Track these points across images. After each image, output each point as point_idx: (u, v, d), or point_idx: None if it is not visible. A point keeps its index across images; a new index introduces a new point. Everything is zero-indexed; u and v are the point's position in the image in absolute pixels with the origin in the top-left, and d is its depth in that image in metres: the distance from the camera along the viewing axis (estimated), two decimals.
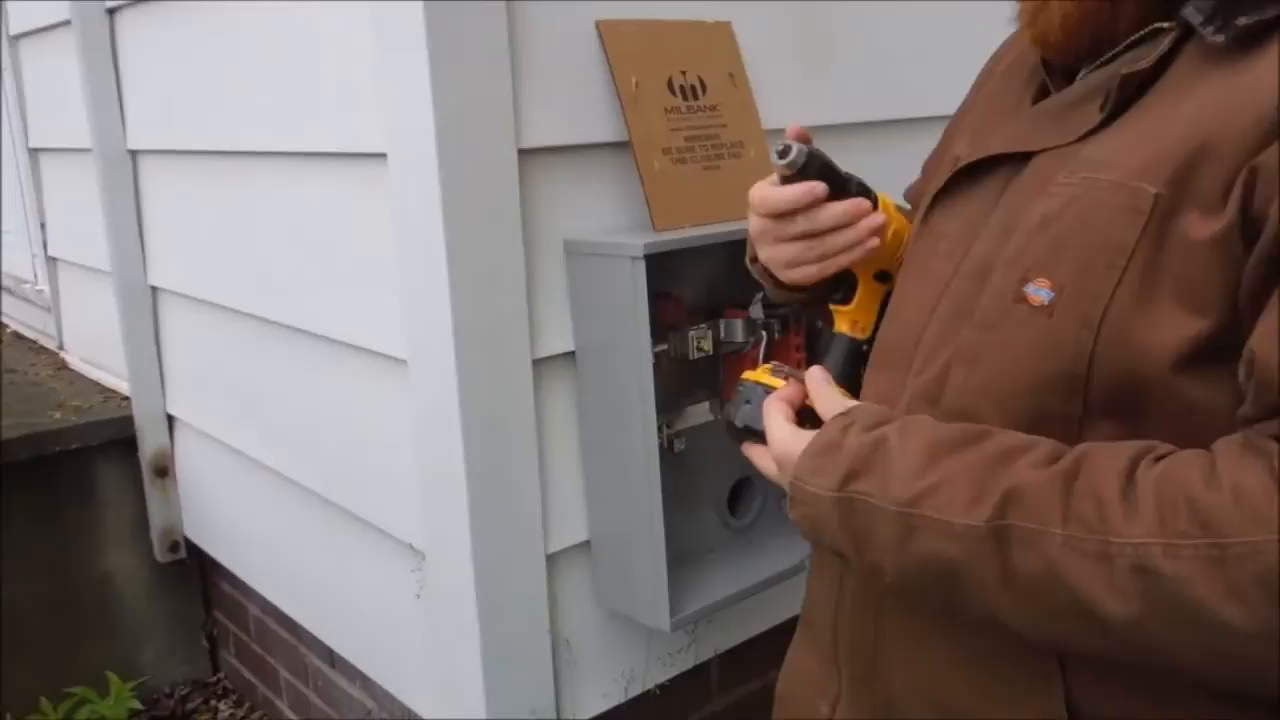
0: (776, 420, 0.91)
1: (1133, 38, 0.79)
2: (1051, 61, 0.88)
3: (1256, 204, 0.67)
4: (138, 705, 2.40)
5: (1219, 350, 0.70)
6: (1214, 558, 0.63)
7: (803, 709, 0.96)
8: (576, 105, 1.48)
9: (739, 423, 0.97)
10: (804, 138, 0.93)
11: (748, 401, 0.97)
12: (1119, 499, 0.68)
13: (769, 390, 0.96)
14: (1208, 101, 0.72)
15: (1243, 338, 0.69)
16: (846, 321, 1.00)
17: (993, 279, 0.79)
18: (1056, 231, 0.76)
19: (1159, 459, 0.69)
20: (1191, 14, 0.74)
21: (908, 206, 1.09)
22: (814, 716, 0.94)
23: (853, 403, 0.88)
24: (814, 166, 0.91)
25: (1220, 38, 0.72)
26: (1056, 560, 0.68)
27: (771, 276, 1.02)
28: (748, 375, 1.00)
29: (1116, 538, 0.67)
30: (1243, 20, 0.71)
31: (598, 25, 1.48)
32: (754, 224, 0.98)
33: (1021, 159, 0.84)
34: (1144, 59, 0.76)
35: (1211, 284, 0.69)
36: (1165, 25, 0.77)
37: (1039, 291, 0.75)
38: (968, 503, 0.72)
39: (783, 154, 0.91)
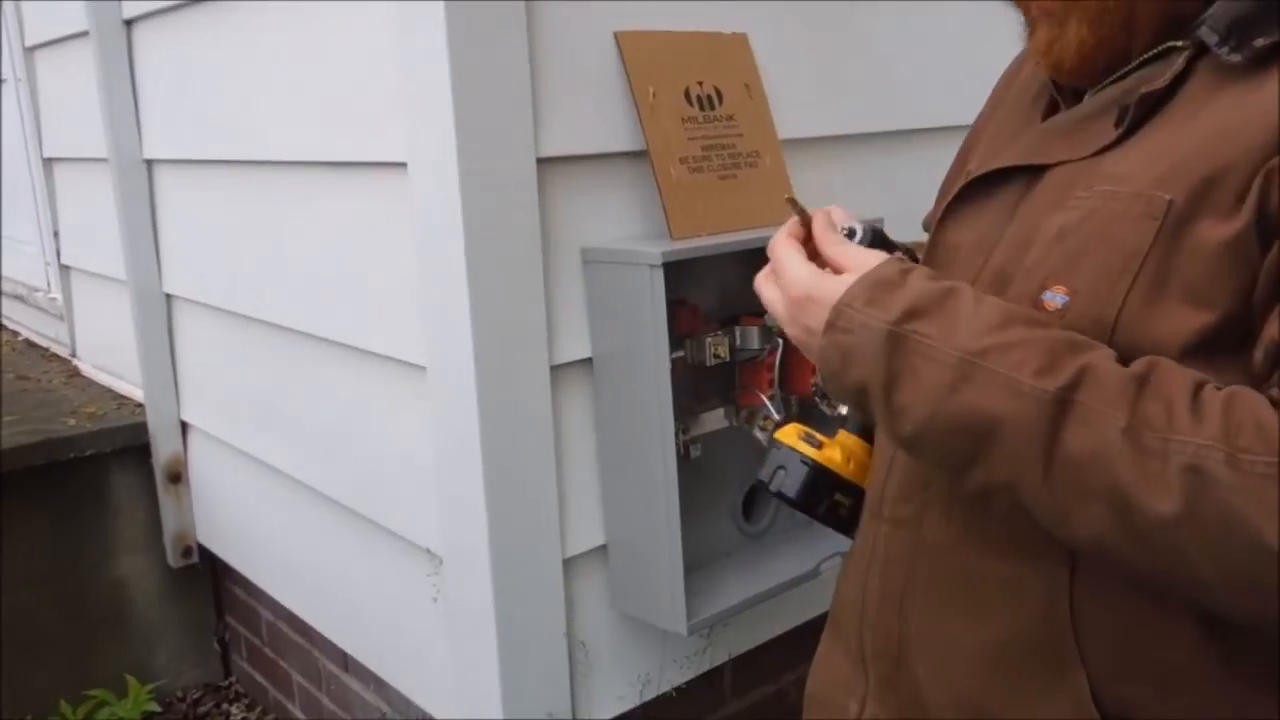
0: (796, 258, 0.89)
1: (1145, 56, 0.82)
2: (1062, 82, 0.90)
3: (1273, 203, 0.70)
4: (155, 708, 2.41)
5: (1226, 341, 0.72)
6: (1271, 475, 0.64)
7: (832, 709, 0.98)
8: (595, 115, 1.50)
9: (774, 488, 0.99)
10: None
11: (782, 467, 0.98)
12: (1188, 407, 0.68)
13: (802, 457, 0.98)
14: (1223, 118, 0.74)
15: (1251, 330, 0.71)
16: None
17: (1012, 288, 0.81)
18: (1074, 242, 0.78)
19: (1218, 388, 0.70)
20: (1206, 34, 0.76)
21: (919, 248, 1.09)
22: (843, 717, 0.95)
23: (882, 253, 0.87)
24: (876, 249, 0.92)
25: (1236, 57, 0.75)
26: (1111, 443, 0.69)
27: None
28: (780, 436, 1.01)
29: (1178, 435, 0.67)
30: (1260, 42, 0.74)
31: (616, 36, 1.50)
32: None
33: (1034, 172, 0.85)
34: (1158, 77, 0.79)
35: (1221, 284, 0.71)
36: (1179, 44, 0.79)
37: (1055, 298, 0.78)
38: (1040, 369, 0.72)
39: (848, 237, 0.91)
